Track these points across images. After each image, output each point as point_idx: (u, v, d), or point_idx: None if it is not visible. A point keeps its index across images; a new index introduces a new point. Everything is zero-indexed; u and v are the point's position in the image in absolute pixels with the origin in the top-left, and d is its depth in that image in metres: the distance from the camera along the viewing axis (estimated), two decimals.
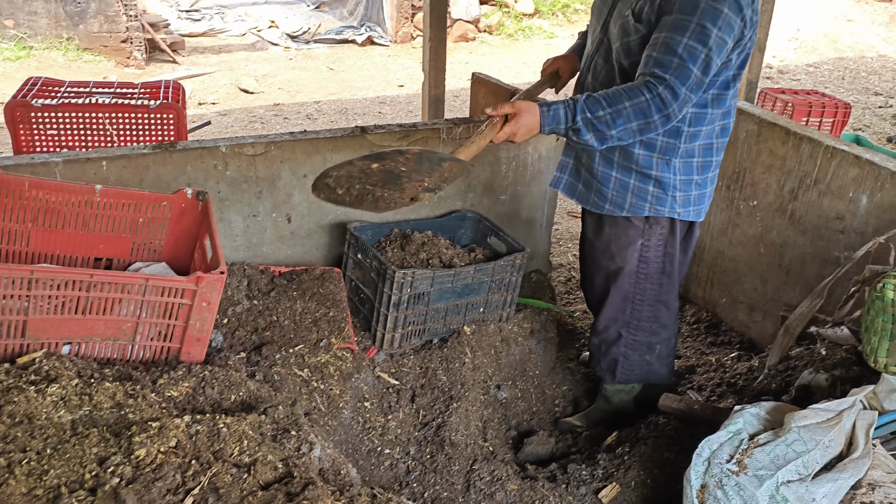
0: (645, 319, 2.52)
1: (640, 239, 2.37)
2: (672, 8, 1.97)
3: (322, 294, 2.60)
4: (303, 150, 2.69)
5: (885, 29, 10.95)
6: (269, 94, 7.32)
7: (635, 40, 2.09)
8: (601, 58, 2.27)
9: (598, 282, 2.54)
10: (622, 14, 2.14)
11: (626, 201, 2.30)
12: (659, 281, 2.45)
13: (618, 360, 2.59)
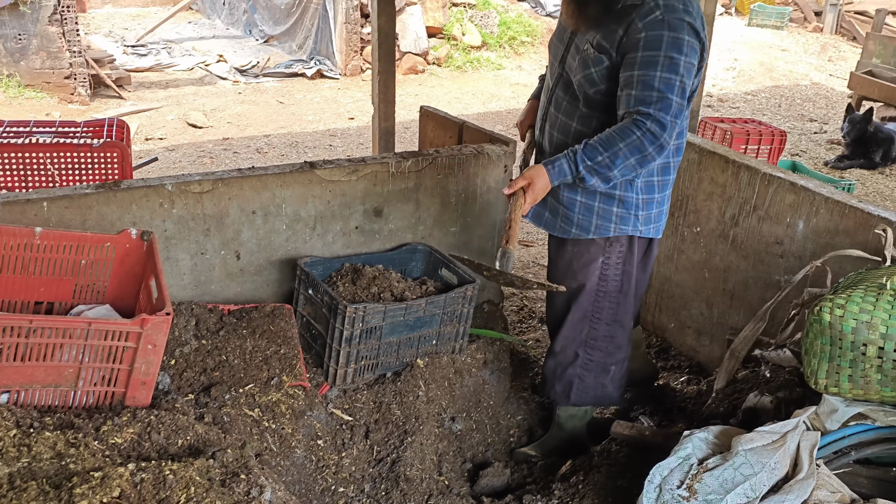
0: (601, 339, 2.57)
1: (600, 257, 2.45)
2: (636, 45, 2.10)
3: (273, 331, 2.57)
4: (251, 187, 2.68)
5: (816, 58, 11.42)
6: (217, 128, 7.27)
7: (598, 70, 2.21)
8: (561, 90, 2.38)
9: (559, 302, 2.58)
10: (581, 49, 2.25)
11: (592, 224, 2.39)
12: (617, 300, 2.52)
13: (573, 381, 2.62)
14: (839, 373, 1.89)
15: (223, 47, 10.13)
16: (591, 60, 2.21)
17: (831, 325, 1.88)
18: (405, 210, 2.99)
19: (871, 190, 6.15)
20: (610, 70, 2.19)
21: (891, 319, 1.83)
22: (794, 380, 2.25)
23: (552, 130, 2.43)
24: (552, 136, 2.43)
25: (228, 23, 11.52)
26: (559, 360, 2.62)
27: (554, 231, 2.50)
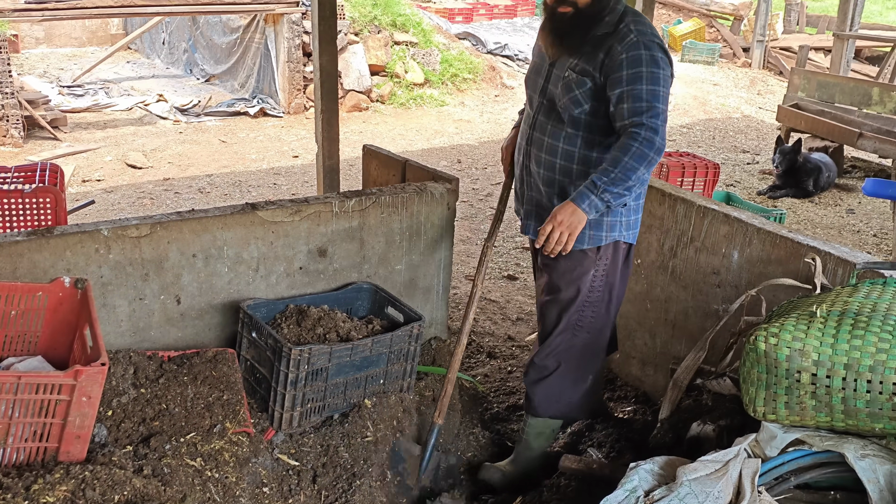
0: (582, 348, 2.70)
1: (592, 269, 2.61)
2: (620, 65, 2.34)
3: (215, 377, 2.51)
4: (191, 230, 2.64)
5: (746, 92, 11.88)
6: (158, 168, 7.15)
7: (582, 92, 2.43)
8: (544, 116, 2.57)
9: (552, 312, 2.68)
10: (562, 76, 2.47)
11: (586, 235, 2.53)
12: (599, 309, 2.66)
13: (552, 390, 2.72)
14: (776, 400, 1.94)
15: (163, 87, 10.02)
16: (574, 84, 2.43)
17: (766, 353, 1.93)
18: (350, 249, 2.98)
19: (803, 218, 6.38)
20: (593, 91, 2.42)
21: (822, 346, 1.89)
22: (734, 408, 2.30)
23: (539, 153, 2.59)
24: (539, 157, 2.59)
25: (168, 62, 11.41)
26: (540, 370, 2.72)
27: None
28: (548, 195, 2.60)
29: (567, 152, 2.52)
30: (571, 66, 2.46)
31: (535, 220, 2.67)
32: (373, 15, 10.18)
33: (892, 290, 2.09)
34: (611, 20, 2.41)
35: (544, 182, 2.59)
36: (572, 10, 2.40)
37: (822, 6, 18.27)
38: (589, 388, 2.78)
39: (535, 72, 2.65)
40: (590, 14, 2.40)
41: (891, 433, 1.89)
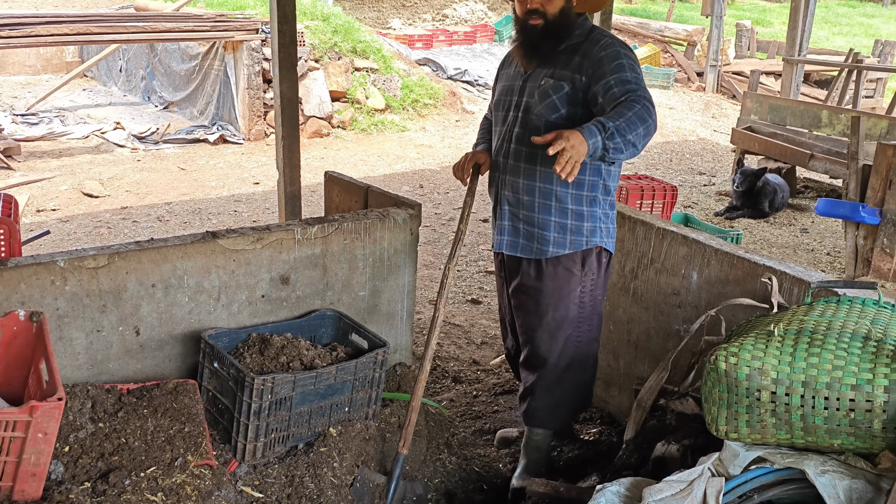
0: (584, 360, 2.79)
1: (579, 286, 2.69)
2: (601, 62, 2.47)
3: (176, 409, 2.47)
4: (150, 259, 2.60)
5: (701, 115, 12.17)
6: (115, 197, 7.04)
7: (559, 96, 2.54)
8: (521, 128, 2.64)
9: (543, 337, 2.73)
10: (539, 85, 2.58)
11: (567, 240, 2.64)
12: (593, 322, 2.78)
13: (560, 403, 2.81)
14: (737, 419, 1.97)
15: (120, 114, 9.90)
16: (551, 89, 2.55)
17: (727, 372, 1.96)
18: (313, 276, 2.97)
19: (759, 238, 6.53)
20: (569, 95, 2.53)
21: (780, 365, 1.92)
22: (698, 427, 2.32)
23: (518, 163, 2.65)
24: (518, 167, 2.65)
25: (126, 89, 11.29)
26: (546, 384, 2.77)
27: (531, 254, 2.70)
28: (529, 205, 2.66)
29: (548, 158, 2.51)
30: (547, 75, 2.59)
31: (508, 234, 2.73)
32: (333, 42, 10.22)
33: (846, 307, 2.15)
34: (581, 32, 2.59)
35: (525, 191, 2.66)
36: (542, 22, 2.54)
37: (771, 32, 18.87)
38: (588, 391, 2.91)
39: (505, 93, 2.75)
40: (559, 24, 2.55)
41: (849, 448, 1.93)
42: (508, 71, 2.79)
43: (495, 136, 2.79)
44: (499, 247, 2.78)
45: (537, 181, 2.63)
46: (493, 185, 2.80)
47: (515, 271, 2.79)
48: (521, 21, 2.59)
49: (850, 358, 1.90)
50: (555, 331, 2.72)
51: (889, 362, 1.86)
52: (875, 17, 24.39)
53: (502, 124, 2.75)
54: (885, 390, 1.84)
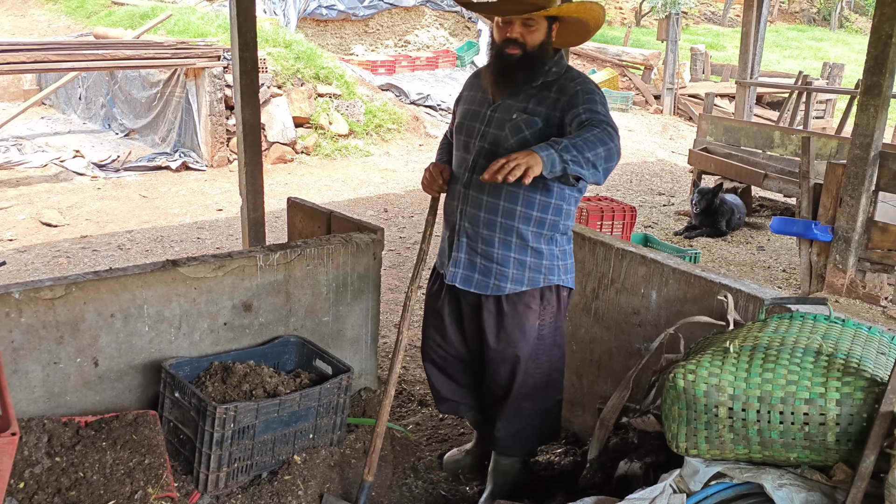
0: (546, 388, 2.78)
1: (537, 320, 2.66)
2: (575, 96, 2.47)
3: (136, 441, 2.43)
4: (109, 289, 2.57)
5: (659, 137, 12.41)
6: (75, 226, 6.93)
7: (532, 132, 2.50)
8: (485, 159, 2.56)
9: (503, 371, 2.71)
10: (509, 119, 2.54)
11: (525, 276, 2.61)
12: (554, 353, 2.76)
13: (524, 430, 2.80)
14: (696, 435, 2.00)
15: (80, 142, 9.77)
16: (524, 124, 2.51)
17: (685, 389, 2.00)
18: (276, 303, 2.95)
19: (717, 256, 6.65)
20: (542, 131, 2.49)
21: (736, 381, 1.97)
22: (659, 444, 2.35)
23: (480, 195, 2.59)
24: (480, 200, 2.59)
25: (85, 117, 11.15)
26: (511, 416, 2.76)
27: (487, 290, 2.65)
28: (488, 239, 2.60)
29: (511, 194, 2.55)
30: (520, 109, 2.53)
31: (463, 268, 2.66)
32: (296, 68, 10.23)
33: (798, 323, 2.21)
34: (558, 70, 2.56)
35: (485, 225, 2.59)
36: (520, 53, 2.48)
37: (724, 56, 19.36)
38: (556, 414, 2.89)
39: (469, 117, 2.67)
40: (536, 57, 2.50)
41: (805, 462, 1.97)
42: (473, 94, 2.72)
43: (456, 160, 2.73)
44: (452, 279, 2.69)
45: (499, 216, 2.57)
46: (450, 213, 2.72)
47: (473, 305, 2.72)
48: (497, 48, 2.52)
49: (803, 373, 1.95)
50: (512, 364, 2.69)
51: (840, 376, 1.92)
52: (823, 41, 25.20)
53: (464, 150, 2.67)
54: (836, 403, 1.90)
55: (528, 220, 2.56)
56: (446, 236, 2.76)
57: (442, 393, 2.95)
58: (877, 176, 5.13)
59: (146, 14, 12.43)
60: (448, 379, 2.92)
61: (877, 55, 4.98)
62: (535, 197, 2.56)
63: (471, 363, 2.87)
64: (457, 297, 2.76)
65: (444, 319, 2.82)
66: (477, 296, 2.69)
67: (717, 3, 28.33)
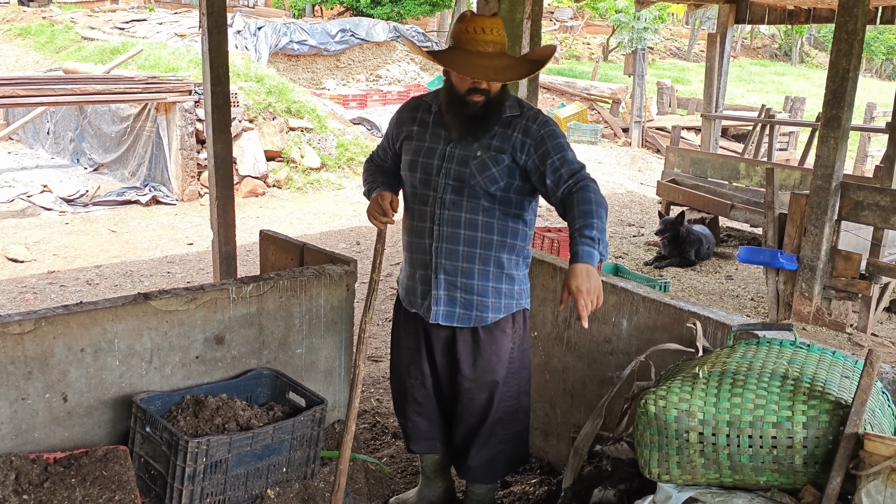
0: (516, 411, 2.79)
1: (510, 343, 2.71)
2: (542, 140, 2.53)
3: (106, 477, 2.39)
4: (78, 323, 2.54)
5: (628, 168, 12.63)
6: (42, 261, 6.84)
7: (499, 169, 2.55)
8: (453, 194, 2.59)
9: (479, 398, 2.73)
10: (474, 156, 2.56)
11: (502, 304, 2.66)
12: (522, 376, 2.79)
13: (497, 456, 2.80)
14: (668, 460, 2.03)
15: (48, 177, 9.68)
16: (490, 161, 2.55)
17: (656, 415, 2.03)
18: (248, 335, 2.94)
19: (686, 286, 6.75)
20: (508, 167, 2.55)
21: (706, 406, 2.00)
22: (633, 471, 2.37)
23: (455, 230, 2.60)
24: (456, 234, 2.60)
25: (53, 152, 11.06)
26: (486, 444, 2.78)
27: (470, 323, 2.66)
28: (468, 272, 2.61)
29: (487, 225, 2.60)
30: (484, 146, 2.56)
31: (444, 305, 2.65)
32: (267, 102, 10.28)
33: (765, 348, 2.26)
34: (512, 104, 2.59)
35: (465, 259, 2.60)
36: (485, 99, 2.50)
37: (690, 90, 19.83)
38: (525, 438, 2.91)
39: (426, 154, 2.64)
40: (499, 101, 2.55)
41: (774, 485, 2.01)
42: (421, 130, 2.67)
43: (413, 199, 2.69)
44: (435, 318, 2.67)
45: (478, 248, 2.60)
46: (419, 251, 2.69)
47: (445, 339, 2.71)
48: (459, 96, 2.51)
49: (771, 397, 1.99)
50: (490, 390, 2.71)
51: (806, 399, 1.97)
52: (785, 76, 25.94)
53: (424, 187, 2.64)
54: (803, 427, 1.94)
55: (503, 248, 2.62)
56: (417, 275, 2.71)
57: (422, 432, 2.90)
58: (838, 206, 5.28)
59: (116, 49, 12.44)
60: (426, 418, 2.88)
61: (835, 89, 5.15)
62: (508, 224, 2.61)
63: (441, 397, 2.85)
64: (427, 332, 2.75)
65: (420, 357, 2.80)
66: (451, 329, 2.69)
67: (682, 38, 29.08)
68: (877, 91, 23.20)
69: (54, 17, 16.76)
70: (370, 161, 2.94)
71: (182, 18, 16.51)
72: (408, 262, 2.76)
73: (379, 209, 2.67)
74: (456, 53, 2.48)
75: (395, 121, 2.79)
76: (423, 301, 2.71)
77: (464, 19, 2.50)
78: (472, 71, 2.41)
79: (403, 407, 2.91)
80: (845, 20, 5.07)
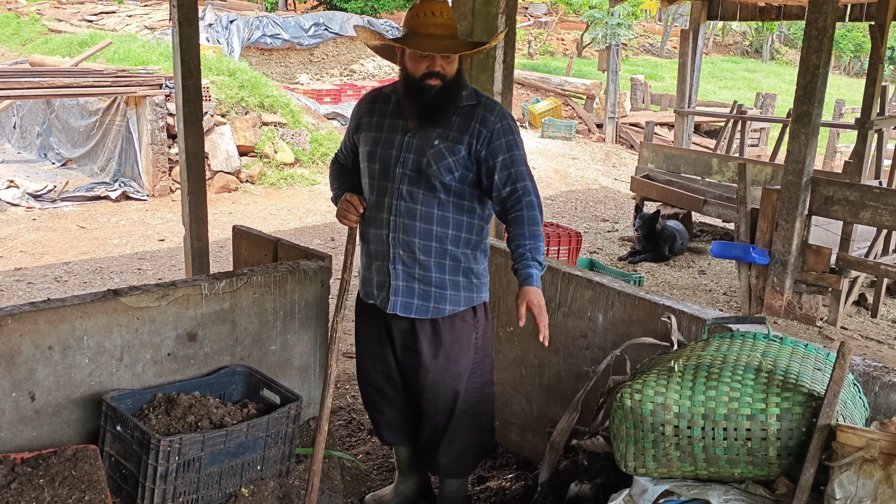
0: (480, 403, 2.79)
1: (473, 333, 2.71)
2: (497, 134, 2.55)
3: (75, 477, 2.34)
4: (46, 321, 2.49)
5: (602, 164, 12.69)
6: (8, 258, 6.70)
7: (456, 159, 2.55)
8: (410, 185, 2.58)
9: (446, 391, 2.70)
10: (431, 145, 2.55)
11: (461, 297, 2.66)
12: (486, 366, 2.80)
13: (466, 449, 2.81)
14: (644, 454, 2.03)
15: (14, 172, 9.48)
16: (447, 151, 2.54)
17: (632, 409, 2.04)
18: (221, 332, 2.90)
19: (660, 280, 6.80)
20: (466, 158, 2.55)
21: (681, 399, 2.01)
22: (609, 465, 2.38)
23: (412, 222, 2.59)
24: (413, 226, 2.59)
25: (20, 147, 10.85)
26: (452, 439, 2.76)
27: (427, 315, 2.64)
28: (425, 264, 2.59)
29: (442, 218, 2.59)
30: (442, 136, 2.55)
31: (402, 295, 2.62)
32: (240, 96, 10.17)
33: (739, 341, 2.27)
34: (469, 94, 2.60)
35: (422, 251, 2.58)
36: (441, 83, 2.49)
37: (663, 86, 19.99)
38: (489, 427, 2.91)
39: (384, 145, 2.62)
40: (455, 85, 2.54)
41: (748, 477, 2.02)
42: (380, 121, 2.66)
43: (371, 189, 2.66)
44: (392, 308, 2.64)
45: (433, 241, 2.58)
46: (377, 242, 2.65)
47: (405, 332, 2.69)
48: (415, 81, 2.50)
49: (745, 389, 2.00)
50: (455, 383, 2.69)
51: (780, 392, 1.98)
52: (756, 72, 26.25)
53: (382, 178, 2.62)
54: (777, 419, 1.95)
55: (458, 242, 2.61)
56: (374, 266, 2.68)
57: (393, 423, 2.90)
58: (809, 200, 5.35)
59: (84, 42, 12.23)
60: (395, 409, 2.87)
61: (805, 85, 5.21)
62: (463, 219, 2.62)
63: (405, 390, 2.83)
64: (388, 324, 2.72)
65: (384, 350, 2.77)
66: (410, 321, 2.66)
67: (655, 35, 29.29)
68: (845, 88, 23.59)
69: (20, 9, 16.43)
70: (335, 162, 2.91)
71: (152, 11, 16.27)
72: (364, 254, 2.74)
73: (349, 208, 2.67)
74: (408, 37, 2.52)
75: (355, 113, 2.78)
76: (379, 292, 2.68)
77: (415, 6, 2.54)
78: (420, 45, 2.47)
79: (372, 399, 2.89)
80: (815, 17, 5.13)
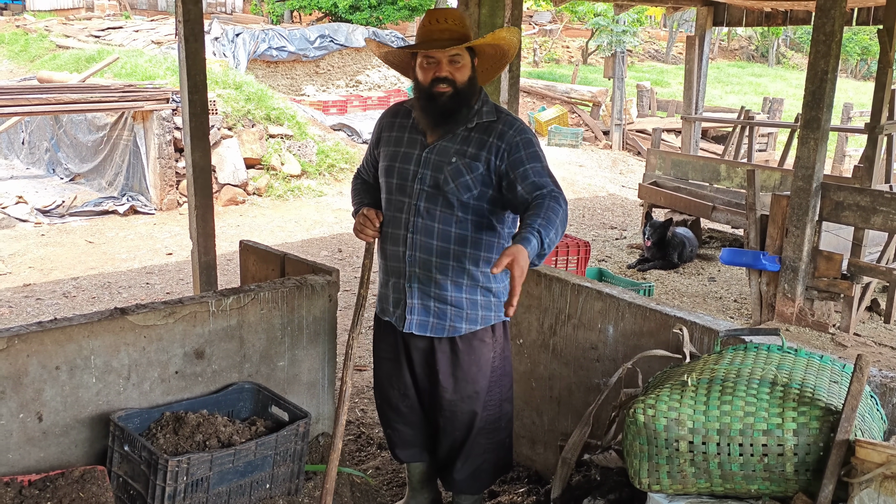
0: (498, 420, 2.76)
1: (491, 353, 2.67)
2: (517, 147, 2.49)
3: (83, 499, 2.32)
4: (53, 340, 2.47)
5: (609, 171, 12.65)
6: (17, 274, 6.72)
7: (473, 176, 2.50)
8: (427, 202, 2.55)
9: (463, 411, 2.68)
10: (448, 162, 2.52)
11: (479, 315, 2.61)
12: (504, 384, 2.76)
13: (483, 466, 2.77)
14: (658, 470, 2.00)
15: (23, 188, 9.53)
16: (465, 168, 2.50)
17: (646, 425, 2.00)
18: (229, 349, 2.88)
19: (670, 288, 6.75)
20: (483, 175, 2.50)
21: (695, 414, 1.98)
22: (622, 480, 2.35)
23: (428, 240, 2.56)
24: (429, 244, 2.56)
25: (28, 162, 10.90)
26: (469, 456, 2.74)
27: (444, 333, 2.62)
28: (441, 283, 2.57)
29: (460, 237, 2.55)
30: (458, 152, 2.52)
31: (417, 314, 2.61)
32: (246, 109, 10.20)
33: (753, 354, 2.24)
34: (490, 110, 2.56)
35: (438, 269, 2.56)
36: (451, 90, 2.47)
37: (669, 92, 19.95)
38: (508, 444, 2.87)
39: (400, 160, 2.62)
40: (467, 93, 2.50)
41: (765, 493, 1.98)
42: (399, 135, 2.66)
43: (389, 205, 2.66)
44: (409, 327, 2.63)
45: (450, 259, 2.55)
46: (394, 259, 2.65)
47: (423, 350, 2.68)
48: (425, 89, 2.50)
49: (760, 403, 1.97)
50: (473, 404, 2.67)
51: (796, 406, 1.94)
52: (763, 77, 26.19)
53: (399, 194, 2.61)
54: (794, 434, 1.91)
55: (477, 261, 2.57)
56: (390, 283, 2.68)
57: (408, 441, 2.87)
58: (819, 206, 5.30)
59: (92, 57, 12.30)
60: (411, 427, 2.85)
61: (814, 90, 5.17)
62: (482, 237, 2.57)
63: (423, 408, 2.81)
64: (406, 343, 2.71)
65: (400, 368, 2.76)
66: (429, 339, 2.65)
67: (661, 41, 29.28)
68: (853, 91, 23.49)
69: (28, 26, 16.57)
70: (357, 177, 2.92)
71: (158, 26, 16.37)
72: (382, 270, 2.74)
73: (366, 223, 2.66)
74: (414, 45, 2.53)
75: (377, 127, 2.79)
76: (395, 309, 2.68)
77: (425, 15, 2.55)
78: (420, 47, 2.46)
79: (387, 416, 2.88)
80: (823, 22, 5.09)
